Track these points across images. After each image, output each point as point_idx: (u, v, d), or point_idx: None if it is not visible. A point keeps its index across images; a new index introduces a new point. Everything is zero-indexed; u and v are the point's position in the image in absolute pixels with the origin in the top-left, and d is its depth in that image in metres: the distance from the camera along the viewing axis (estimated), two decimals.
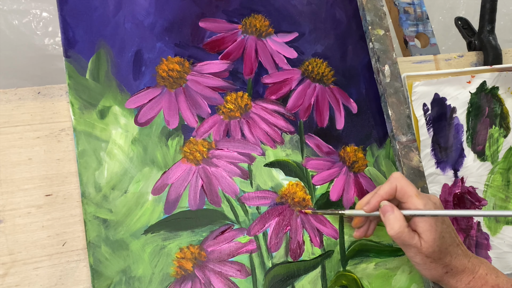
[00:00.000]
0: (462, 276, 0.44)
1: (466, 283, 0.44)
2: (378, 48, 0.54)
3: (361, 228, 0.48)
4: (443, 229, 0.43)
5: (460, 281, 0.44)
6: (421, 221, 0.43)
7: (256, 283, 0.46)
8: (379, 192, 0.45)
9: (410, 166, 0.51)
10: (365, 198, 0.47)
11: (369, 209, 0.45)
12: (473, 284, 0.44)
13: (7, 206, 0.43)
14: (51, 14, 0.68)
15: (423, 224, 0.43)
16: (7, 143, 0.44)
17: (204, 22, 0.51)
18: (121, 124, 0.46)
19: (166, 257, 0.44)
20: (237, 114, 0.50)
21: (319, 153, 0.52)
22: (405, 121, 0.52)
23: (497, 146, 0.60)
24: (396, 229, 0.42)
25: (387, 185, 0.45)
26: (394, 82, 0.53)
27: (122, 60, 0.47)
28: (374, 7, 0.55)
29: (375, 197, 0.45)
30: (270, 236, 0.48)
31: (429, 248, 0.42)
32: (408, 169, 0.51)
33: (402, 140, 0.52)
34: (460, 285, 0.44)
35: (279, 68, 0.53)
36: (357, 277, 0.50)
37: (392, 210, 0.43)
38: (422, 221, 0.43)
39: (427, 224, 0.42)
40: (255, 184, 0.49)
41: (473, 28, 0.66)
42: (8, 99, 0.45)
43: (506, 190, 0.60)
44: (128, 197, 0.45)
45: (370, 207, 0.45)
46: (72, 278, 0.43)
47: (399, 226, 0.42)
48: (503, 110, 0.61)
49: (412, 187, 0.44)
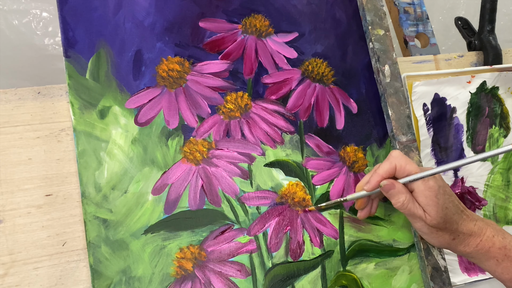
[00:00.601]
0: (470, 240, 0.45)
1: (473, 246, 0.45)
2: (378, 48, 0.54)
3: (365, 208, 0.49)
4: (445, 199, 0.43)
5: (468, 245, 0.45)
6: (422, 195, 0.43)
7: (256, 283, 0.46)
8: (379, 171, 0.45)
9: None
10: (365, 178, 0.47)
11: (369, 189, 0.46)
12: (480, 246, 0.44)
13: (7, 206, 0.43)
14: (51, 14, 0.67)
15: (424, 199, 0.43)
16: (7, 143, 0.44)
17: (204, 22, 0.51)
18: (121, 124, 0.46)
19: (166, 257, 0.44)
20: (237, 114, 0.50)
21: (319, 153, 0.52)
22: (405, 121, 0.52)
23: (497, 146, 0.60)
24: (401, 200, 0.43)
25: (386, 164, 0.45)
26: (394, 82, 0.53)
27: (122, 60, 0.47)
28: (374, 7, 0.55)
29: (375, 176, 0.45)
30: (270, 236, 0.48)
31: (432, 220, 0.43)
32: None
33: (402, 140, 0.52)
34: (468, 249, 0.45)
35: (279, 68, 0.53)
36: (357, 277, 0.50)
37: (394, 186, 0.44)
38: (423, 196, 0.43)
39: (428, 199, 0.43)
40: (255, 184, 0.49)
41: (473, 28, 0.66)
42: (8, 99, 0.45)
43: (506, 190, 0.60)
44: (128, 197, 0.45)
45: (371, 186, 0.45)
46: (72, 278, 0.43)
47: (404, 197, 0.43)
48: (503, 110, 0.61)
49: (412, 165, 0.44)
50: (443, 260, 0.50)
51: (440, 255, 0.50)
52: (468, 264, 0.56)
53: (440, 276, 0.49)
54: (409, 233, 0.53)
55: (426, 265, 0.49)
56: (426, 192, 0.43)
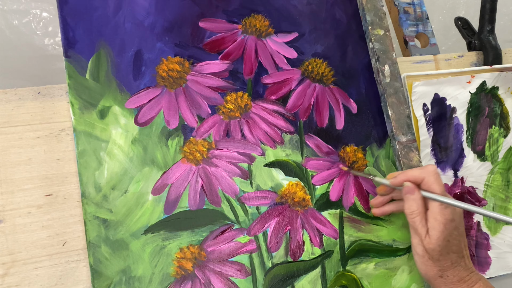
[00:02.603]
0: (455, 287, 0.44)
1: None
2: (378, 48, 0.54)
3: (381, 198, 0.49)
4: (452, 234, 0.43)
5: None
6: (433, 217, 0.43)
7: (256, 283, 0.46)
8: (407, 173, 0.45)
9: (410, 166, 0.51)
10: (396, 173, 0.48)
11: (393, 183, 0.46)
12: None
13: (7, 206, 0.43)
14: (51, 14, 0.67)
15: (433, 221, 0.43)
16: (7, 143, 0.44)
17: (204, 22, 0.51)
18: (121, 124, 0.46)
19: (166, 257, 0.44)
20: (237, 114, 0.50)
21: (319, 153, 0.52)
22: (405, 121, 0.52)
23: (497, 146, 0.60)
24: (412, 209, 0.44)
25: (417, 172, 0.45)
26: (394, 82, 0.53)
27: (122, 60, 0.47)
28: (374, 7, 0.55)
29: (402, 175, 0.45)
30: (270, 236, 0.48)
31: (430, 244, 0.43)
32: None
33: (402, 140, 0.52)
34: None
35: (279, 68, 0.53)
36: (357, 277, 0.50)
37: (413, 192, 0.44)
38: (433, 218, 0.43)
39: (437, 223, 0.42)
40: (255, 184, 0.49)
41: (473, 28, 0.66)
42: (8, 99, 0.45)
43: (506, 190, 0.60)
44: (128, 197, 0.45)
45: (396, 182, 0.46)
46: (72, 278, 0.43)
47: (416, 208, 0.43)
48: (503, 110, 0.61)
49: (439, 186, 0.44)
50: None
51: None
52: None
53: None
54: (409, 233, 0.53)
55: None
56: (438, 216, 0.43)
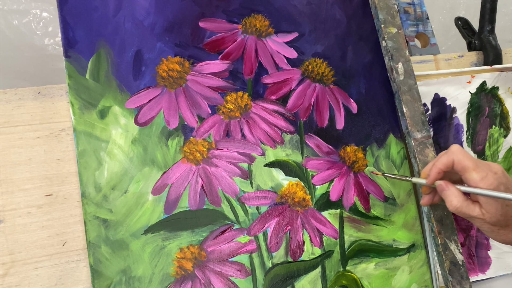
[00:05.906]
0: None
1: None
2: (391, 46, 0.53)
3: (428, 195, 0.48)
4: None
5: None
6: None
7: (256, 283, 0.46)
8: (437, 164, 0.45)
9: (426, 162, 0.51)
10: (427, 168, 0.47)
11: (429, 182, 0.46)
12: None
13: (7, 206, 0.43)
14: (51, 14, 0.68)
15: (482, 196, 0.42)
16: (7, 143, 0.44)
17: (204, 22, 0.51)
18: (121, 124, 0.46)
19: (166, 257, 0.44)
20: (237, 114, 0.50)
21: (319, 153, 0.52)
22: (420, 118, 0.52)
23: (497, 146, 0.60)
24: (454, 204, 0.43)
25: (445, 158, 0.44)
26: (407, 79, 0.53)
27: (122, 60, 0.47)
28: (386, 5, 0.55)
29: (434, 168, 0.45)
30: (270, 236, 0.48)
31: (492, 217, 0.42)
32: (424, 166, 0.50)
33: (417, 137, 0.52)
34: None
35: (279, 68, 0.53)
36: (357, 277, 0.50)
37: (447, 187, 0.43)
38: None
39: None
40: (255, 184, 0.49)
41: (473, 28, 0.66)
42: (8, 99, 0.45)
43: None
44: (128, 197, 0.45)
45: (430, 180, 0.45)
46: (72, 278, 0.43)
47: (457, 201, 0.43)
48: (503, 110, 0.61)
49: (470, 161, 0.43)
50: (460, 255, 0.50)
51: (457, 250, 0.50)
52: (468, 265, 0.56)
53: (458, 270, 0.49)
54: (409, 233, 0.53)
55: (444, 260, 0.49)
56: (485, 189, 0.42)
